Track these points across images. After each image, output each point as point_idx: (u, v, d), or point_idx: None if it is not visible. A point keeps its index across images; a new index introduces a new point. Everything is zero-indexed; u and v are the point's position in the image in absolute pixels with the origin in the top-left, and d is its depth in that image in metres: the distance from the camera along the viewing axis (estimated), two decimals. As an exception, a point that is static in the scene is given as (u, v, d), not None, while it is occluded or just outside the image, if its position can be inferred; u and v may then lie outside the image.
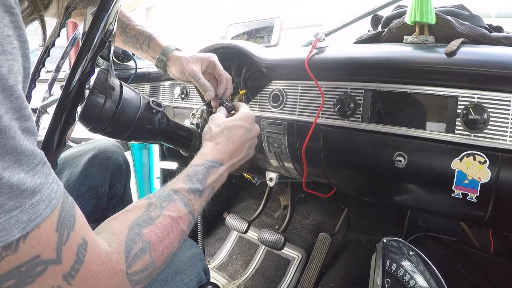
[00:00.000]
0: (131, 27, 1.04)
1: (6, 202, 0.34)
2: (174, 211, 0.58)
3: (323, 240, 1.48)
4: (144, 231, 0.52)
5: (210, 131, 0.79)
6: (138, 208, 0.56)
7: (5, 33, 0.34)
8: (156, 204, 0.57)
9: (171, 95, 1.30)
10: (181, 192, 0.62)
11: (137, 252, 0.49)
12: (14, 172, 0.34)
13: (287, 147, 0.93)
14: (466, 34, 0.79)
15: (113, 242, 0.48)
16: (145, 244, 0.51)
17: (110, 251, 0.46)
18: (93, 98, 0.72)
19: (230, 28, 1.31)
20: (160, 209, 0.57)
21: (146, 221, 0.54)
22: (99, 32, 0.52)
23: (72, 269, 0.41)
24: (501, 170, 0.63)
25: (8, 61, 0.34)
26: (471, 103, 0.65)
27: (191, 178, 0.65)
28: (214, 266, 1.67)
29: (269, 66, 0.95)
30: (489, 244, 1.17)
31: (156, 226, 0.54)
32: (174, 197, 0.60)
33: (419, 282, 0.82)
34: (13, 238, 0.35)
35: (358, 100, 0.79)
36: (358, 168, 0.85)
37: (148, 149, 1.83)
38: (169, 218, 0.57)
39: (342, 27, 1.21)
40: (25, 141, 0.36)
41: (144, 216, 0.55)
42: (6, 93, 0.34)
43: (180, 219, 0.58)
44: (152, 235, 0.53)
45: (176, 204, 0.59)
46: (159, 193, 0.61)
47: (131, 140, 0.88)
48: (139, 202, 0.58)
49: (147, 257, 0.50)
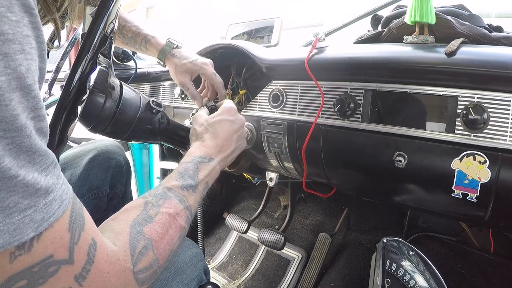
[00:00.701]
0: (127, 29, 1.05)
1: (21, 200, 0.34)
2: (171, 208, 0.59)
3: (323, 240, 1.48)
4: (145, 229, 0.53)
5: (195, 131, 0.80)
6: (135, 207, 0.57)
7: (24, 32, 0.34)
8: (152, 203, 0.58)
9: (171, 95, 1.30)
10: (174, 189, 0.63)
11: (141, 250, 0.50)
12: (29, 171, 0.34)
13: (287, 147, 0.93)
14: (466, 34, 0.79)
15: (117, 241, 0.49)
16: (148, 241, 0.51)
17: (117, 250, 0.47)
18: (94, 98, 0.72)
19: (230, 28, 1.31)
20: (157, 207, 0.57)
21: (146, 220, 0.54)
22: (100, 28, 0.53)
23: (84, 270, 0.41)
24: (501, 170, 0.63)
25: (27, 61, 0.34)
26: (471, 103, 0.65)
27: (182, 175, 0.66)
28: (214, 266, 1.66)
29: (269, 66, 0.95)
30: (489, 244, 1.17)
31: (155, 224, 0.55)
32: (168, 195, 0.61)
33: (419, 282, 0.82)
34: (27, 238, 0.35)
35: (358, 100, 0.79)
36: (358, 168, 0.85)
37: (148, 149, 1.83)
38: (167, 215, 0.57)
39: (342, 27, 1.21)
40: (39, 141, 0.36)
41: (143, 215, 0.55)
42: (24, 92, 0.34)
43: (177, 215, 0.59)
44: (153, 232, 0.53)
45: (171, 201, 0.60)
46: (154, 192, 0.61)
47: (131, 140, 0.88)
48: (136, 202, 0.58)
49: (150, 254, 0.51)
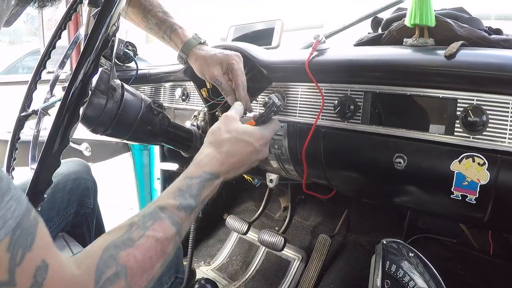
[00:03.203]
0: (153, 14, 0.95)
1: None
2: (160, 232, 0.51)
3: (323, 241, 1.48)
4: (121, 253, 0.47)
5: (218, 132, 0.69)
6: (119, 229, 0.51)
7: None
8: (138, 224, 0.51)
9: (172, 97, 1.31)
10: (169, 209, 0.55)
11: (109, 277, 0.44)
12: None
13: (287, 149, 0.94)
14: (465, 36, 0.80)
15: (83, 264, 0.44)
16: (120, 268, 0.46)
17: (78, 274, 0.43)
18: (95, 99, 0.73)
19: (231, 30, 1.32)
20: (143, 229, 0.50)
21: (125, 243, 0.48)
22: (102, 31, 0.53)
23: None
24: (500, 172, 0.63)
25: None
26: (470, 105, 0.66)
27: (183, 193, 0.58)
28: (215, 267, 1.67)
29: (270, 68, 0.95)
30: (488, 245, 1.18)
31: (136, 248, 0.48)
32: (160, 215, 0.53)
33: (419, 284, 0.82)
34: None
35: (358, 102, 0.79)
36: (358, 170, 0.85)
37: (148, 150, 1.83)
38: (153, 239, 0.50)
39: (343, 29, 1.22)
40: None
41: (124, 237, 0.49)
42: None
43: (166, 241, 0.52)
44: (130, 258, 0.47)
45: (162, 223, 0.53)
46: (143, 211, 0.54)
47: (132, 141, 0.88)
48: (122, 223, 0.52)
49: (121, 282, 0.45)
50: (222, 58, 0.88)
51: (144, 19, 0.96)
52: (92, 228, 1.16)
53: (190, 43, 0.92)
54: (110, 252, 0.46)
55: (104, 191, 1.28)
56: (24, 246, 0.37)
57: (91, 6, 0.77)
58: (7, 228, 0.35)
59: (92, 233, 1.16)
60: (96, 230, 1.18)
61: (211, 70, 0.88)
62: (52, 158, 0.53)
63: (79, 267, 0.43)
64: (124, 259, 0.47)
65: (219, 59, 0.88)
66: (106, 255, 0.46)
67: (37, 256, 0.38)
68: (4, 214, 0.35)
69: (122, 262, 0.46)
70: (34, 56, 4.05)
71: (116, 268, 0.45)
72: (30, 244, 0.38)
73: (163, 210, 0.54)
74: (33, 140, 0.83)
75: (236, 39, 1.30)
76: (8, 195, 0.36)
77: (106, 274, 0.44)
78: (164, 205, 0.55)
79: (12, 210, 0.36)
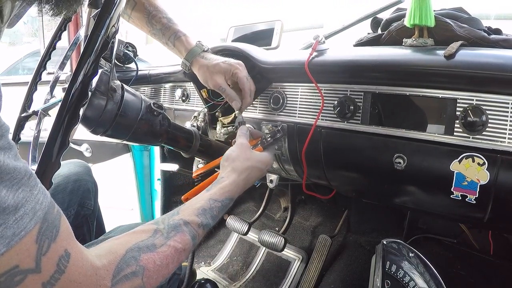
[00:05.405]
0: (157, 19, 0.97)
1: None
2: (180, 243, 0.57)
3: (323, 242, 1.48)
4: (142, 256, 0.52)
5: (238, 159, 0.77)
6: (143, 232, 0.56)
7: None
8: (162, 232, 0.57)
9: (172, 97, 1.31)
10: (191, 225, 0.61)
11: (127, 274, 0.49)
12: None
13: (287, 149, 0.94)
14: (465, 36, 0.80)
15: (105, 259, 0.48)
16: (139, 268, 0.50)
17: (98, 266, 0.47)
18: (95, 100, 0.73)
19: (231, 30, 1.32)
20: (166, 238, 0.56)
21: (148, 247, 0.53)
22: (102, 33, 0.53)
23: (52, 278, 0.41)
24: (500, 172, 0.63)
25: None
26: (470, 105, 0.66)
27: (205, 213, 0.64)
28: (215, 267, 1.67)
29: (269, 69, 0.96)
30: (488, 245, 1.18)
31: (156, 254, 0.53)
32: (183, 229, 0.59)
33: (419, 284, 0.82)
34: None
35: (358, 103, 0.79)
36: (358, 170, 0.86)
37: (149, 151, 1.83)
38: (173, 249, 0.56)
39: (342, 30, 1.22)
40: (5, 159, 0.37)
41: (148, 242, 0.54)
42: None
43: (183, 251, 0.58)
44: (150, 261, 0.52)
45: (184, 236, 0.58)
46: (168, 221, 0.60)
47: (132, 142, 0.88)
48: (146, 226, 0.58)
49: (137, 281, 0.50)
50: (226, 68, 0.90)
51: (148, 24, 0.98)
52: (92, 229, 1.16)
53: (193, 51, 0.94)
54: (133, 253, 0.51)
55: (104, 192, 1.28)
56: (50, 237, 0.41)
57: (91, 7, 0.77)
58: (37, 219, 0.39)
59: (92, 234, 1.15)
60: (96, 231, 1.18)
61: (214, 79, 0.91)
62: (52, 160, 0.53)
63: (100, 260, 0.47)
64: (145, 261, 0.51)
65: (222, 69, 0.90)
66: (129, 256, 0.50)
67: (61, 246, 0.43)
68: (34, 206, 0.39)
69: (142, 264, 0.51)
70: (34, 57, 4.06)
71: (135, 268, 0.50)
72: (55, 236, 0.42)
73: (187, 225, 0.60)
74: (34, 141, 0.83)
75: (236, 39, 1.30)
76: (36, 189, 0.40)
77: (124, 271, 0.49)
78: (188, 220, 0.61)
79: (40, 202, 0.40)
